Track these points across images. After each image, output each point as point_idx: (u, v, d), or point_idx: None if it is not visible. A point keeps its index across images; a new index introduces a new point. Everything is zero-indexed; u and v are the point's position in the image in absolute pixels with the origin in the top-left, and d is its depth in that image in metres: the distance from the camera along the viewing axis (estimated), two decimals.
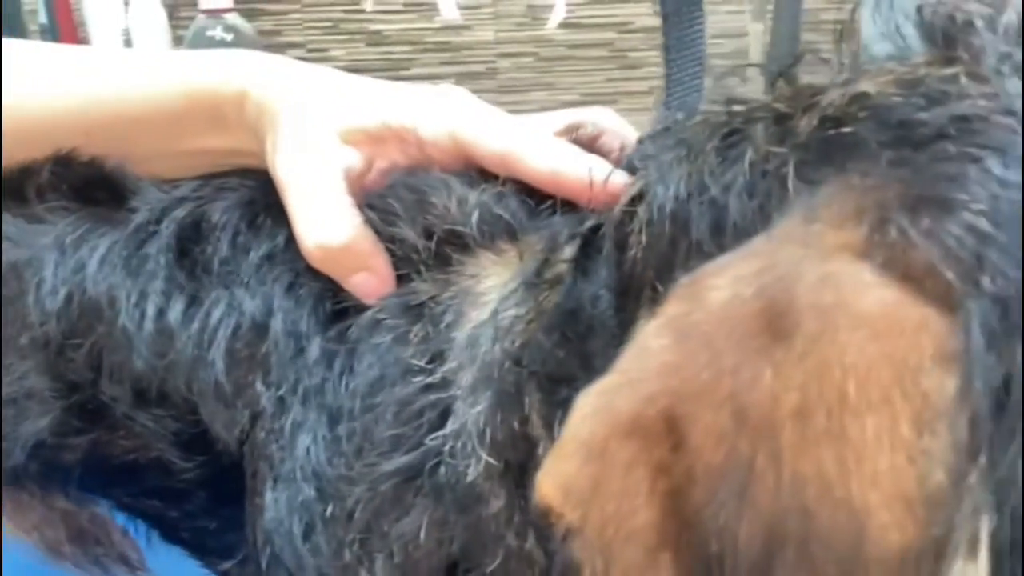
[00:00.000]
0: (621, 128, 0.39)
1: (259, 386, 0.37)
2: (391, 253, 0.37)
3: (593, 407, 0.23)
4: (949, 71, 0.20)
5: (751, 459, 0.20)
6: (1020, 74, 0.19)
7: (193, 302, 0.41)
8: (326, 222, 0.36)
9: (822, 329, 0.19)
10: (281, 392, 0.36)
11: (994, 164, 0.18)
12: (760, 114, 0.25)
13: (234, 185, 0.42)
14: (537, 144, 0.36)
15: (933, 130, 0.20)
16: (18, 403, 0.42)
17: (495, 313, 0.32)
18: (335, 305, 0.37)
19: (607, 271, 0.30)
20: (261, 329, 0.38)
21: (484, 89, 1.50)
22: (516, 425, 0.31)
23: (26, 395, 0.41)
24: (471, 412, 0.31)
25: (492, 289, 0.34)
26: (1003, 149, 0.18)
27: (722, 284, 0.21)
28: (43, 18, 1.10)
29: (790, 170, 0.23)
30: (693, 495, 0.20)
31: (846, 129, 0.21)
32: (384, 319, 0.34)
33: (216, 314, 0.40)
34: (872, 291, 0.19)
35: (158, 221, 0.42)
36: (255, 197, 0.42)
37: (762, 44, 1.34)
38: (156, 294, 0.41)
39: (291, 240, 0.39)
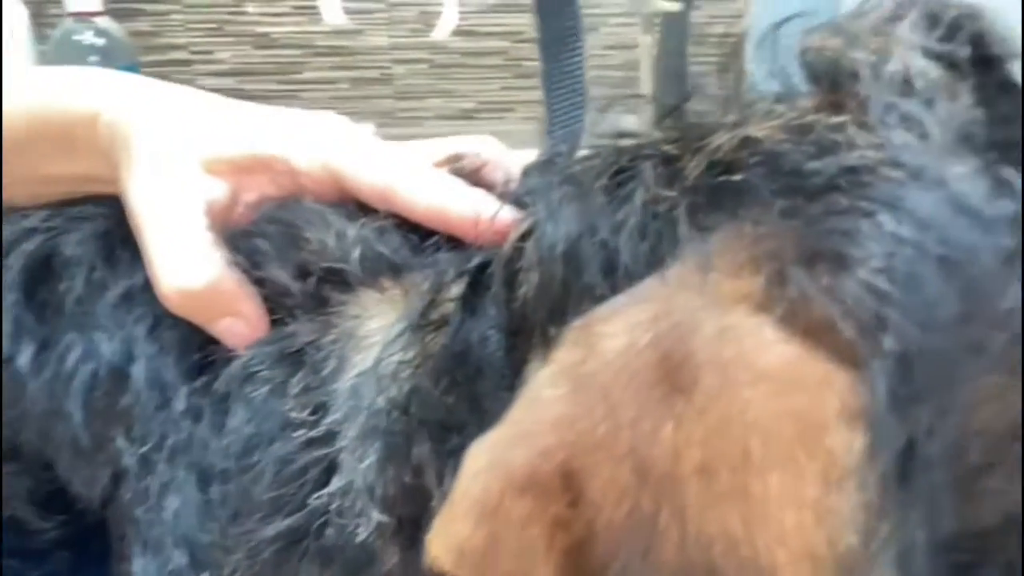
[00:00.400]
0: (504, 158, 0.38)
1: (121, 441, 0.34)
2: (262, 294, 0.34)
3: (485, 461, 0.22)
4: (837, 120, 0.20)
5: (654, 515, 0.19)
6: (906, 125, 0.19)
7: (45, 346, 0.37)
8: (185, 264, 0.33)
9: (723, 384, 0.18)
10: (145, 449, 0.33)
11: (887, 220, 0.18)
12: (648, 152, 0.25)
13: (88, 214, 0.39)
14: (419, 179, 0.34)
15: (824, 180, 0.19)
16: None
17: (379, 359, 0.30)
18: (203, 352, 0.34)
19: (496, 311, 0.28)
20: (121, 377, 0.35)
21: (379, 95, 1.47)
22: (407, 478, 0.29)
23: None
24: (359, 467, 0.29)
25: (377, 331, 0.32)
26: (894, 204, 0.18)
27: (616, 331, 0.20)
28: None
29: (681, 214, 0.22)
30: (594, 552, 0.20)
31: (736, 176, 0.21)
32: (258, 370, 0.32)
33: (71, 360, 0.36)
34: (773, 346, 0.18)
35: (5, 255, 0.39)
36: (111, 228, 0.38)
37: (651, 57, 1.36)
38: (3, 337, 0.37)
39: None
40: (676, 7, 1.35)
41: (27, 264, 0.38)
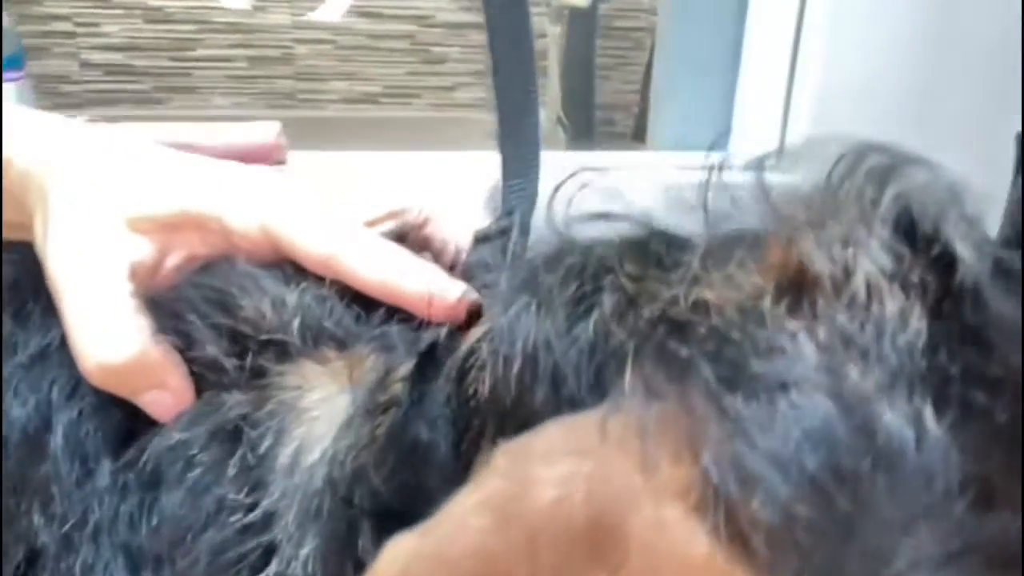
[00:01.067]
0: (445, 216, 0.37)
1: (37, 517, 0.32)
2: (191, 364, 0.33)
3: (397, 565, 0.22)
4: (791, 325, 0.21)
5: None
6: (854, 357, 0.20)
7: None
8: (107, 336, 0.32)
9: (648, 572, 0.19)
10: (66, 527, 0.31)
11: (803, 448, 0.19)
12: (609, 280, 0.25)
13: None
14: (365, 249, 0.34)
15: (762, 388, 0.20)
16: None
17: (321, 437, 0.30)
18: (128, 421, 0.32)
19: (445, 403, 0.28)
20: (36, 446, 0.33)
21: (279, 75, 1.42)
22: (350, 570, 0.28)
23: None
24: (298, 554, 0.29)
25: (319, 403, 0.31)
26: (816, 436, 0.19)
27: (551, 479, 0.21)
28: None
29: (628, 361, 0.23)
30: None
31: (684, 352, 0.22)
32: (191, 449, 0.30)
33: None
34: (699, 550, 0.19)
35: None
36: (21, 279, 0.36)
37: (559, 47, 1.37)
38: None
39: None
40: (585, 3, 1.35)
41: None
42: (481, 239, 0.35)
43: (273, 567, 0.29)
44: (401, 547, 0.22)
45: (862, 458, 0.19)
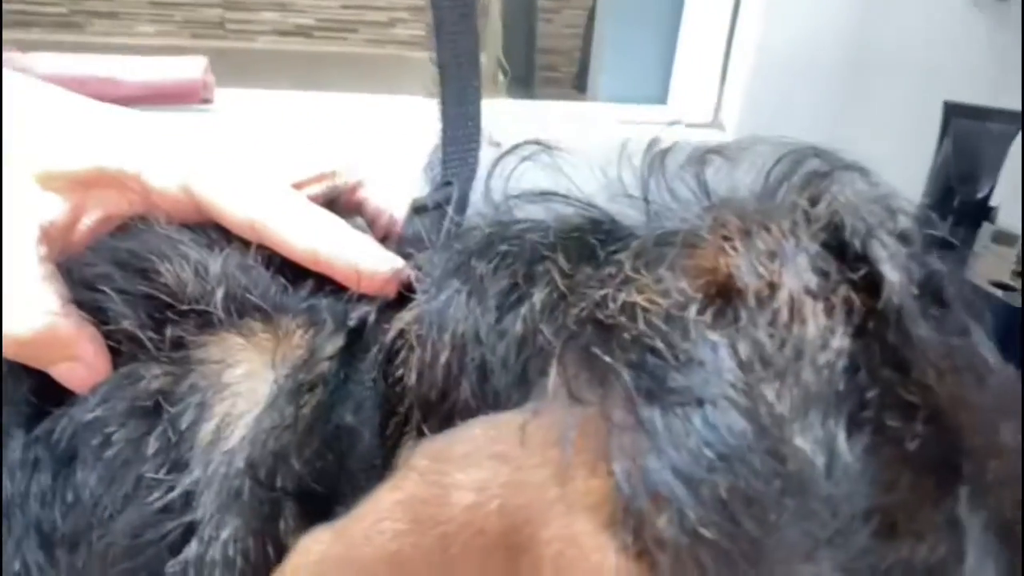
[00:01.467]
0: (378, 182, 0.36)
1: None
2: (108, 335, 0.31)
3: (310, 562, 0.22)
4: (714, 336, 0.21)
5: None
6: (771, 377, 0.20)
7: None
8: (16, 307, 0.30)
9: None
10: None
11: (720, 480, 0.18)
12: (541, 271, 0.25)
13: None
14: (293, 216, 0.32)
15: (679, 401, 0.20)
16: None
17: (243, 418, 0.29)
18: (42, 395, 0.31)
19: (372, 386, 0.28)
20: None
21: (207, 3, 1.35)
22: (272, 553, 0.28)
23: None
24: (219, 535, 0.28)
25: (242, 379, 0.30)
26: (726, 457, 0.19)
27: (468, 484, 0.21)
28: None
29: (554, 360, 0.22)
30: None
31: (609, 359, 0.21)
32: (109, 428, 0.29)
33: None
34: (609, 566, 0.19)
35: None
36: None
37: None
38: None
39: None
40: None
41: None
42: (418, 209, 0.34)
43: (193, 548, 0.28)
44: (315, 545, 0.22)
45: (771, 482, 0.19)
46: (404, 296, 0.30)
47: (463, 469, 0.20)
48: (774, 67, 0.92)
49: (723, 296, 0.21)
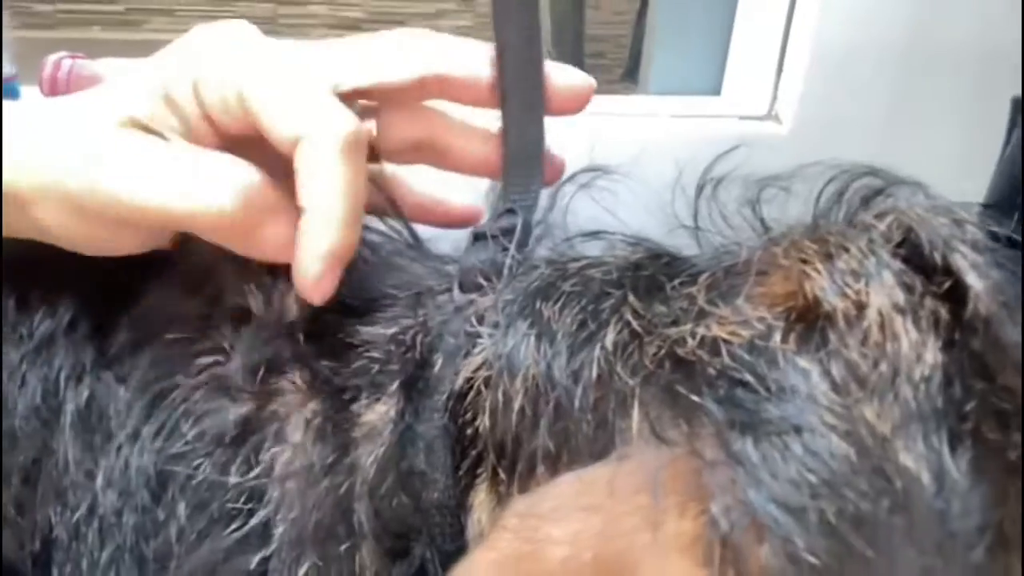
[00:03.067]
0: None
1: (50, 508, 0.31)
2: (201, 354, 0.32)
3: None
4: (803, 363, 0.20)
5: None
6: (870, 394, 0.20)
7: None
8: (204, 181, 0.29)
9: None
10: (76, 517, 0.31)
11: (826, 505, 0.18)
12: (609, 308, 0.25)
13: None
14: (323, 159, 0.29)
15: (774, 431, 0.20)
16: None
17: (320, 447, 0.30)
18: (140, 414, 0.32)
19: (442, 429, 0.28)
20: (46, 436, 0.32)
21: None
22: None
23: None
24: (295, 572, 0.28)
25: (319, 415, 0.31)
26: (831, 484, 0.18)
27: (560, 539, 0.21)
28: None
29: (635, 404, 0.22)
30: None
31: (695, 396, 0.21)
32: (197, 458, 0.30)
33: None
34: None
35: None
36: (21, 263, 0.34)
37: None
38: None
39: (76, 318, 0.33)
40: None
41: None
42: (478, 237, 0.34)
43: None
44: None
45: (880, 502, 0.18)
46: (473, 337, 0.30)
47: (554, 523, 0.21)
48: (832, 57, 0.90)
49: (804, 321, 0.21)
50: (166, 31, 1.32)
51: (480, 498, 0.27)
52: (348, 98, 0.32)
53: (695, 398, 0.21)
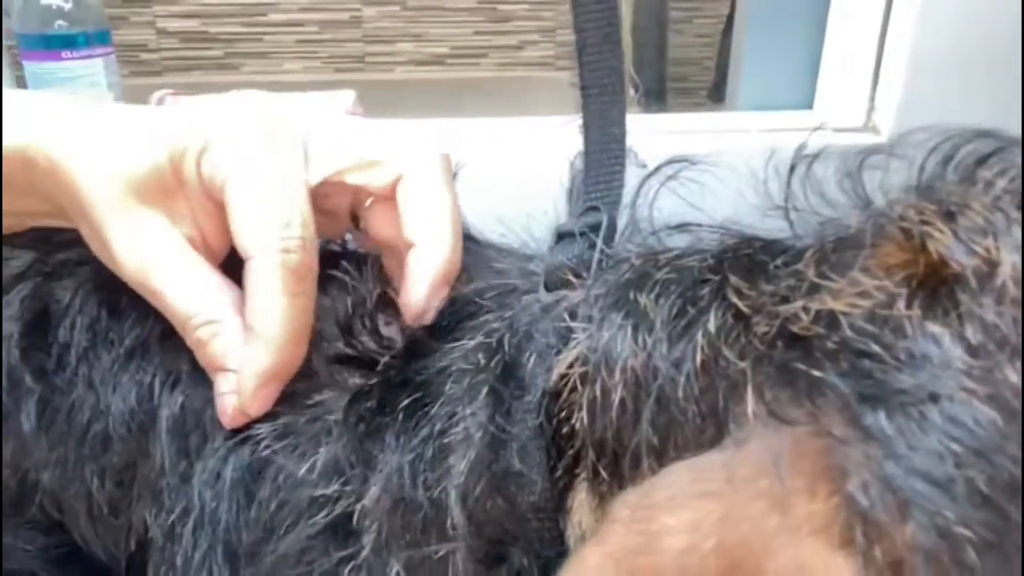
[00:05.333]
0: (424, 180, 0.33)
1: (145, 510, 0.33)
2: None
3: None
4: (933, 328, 0.19)
5: None
6: (1008, 354, 0.18)
7: (47, 407, 0.35)
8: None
9: None
10: (172, 518, 0.32)
11: (968, 460, 0.17)
12: (707, 294, 0.24)
13: (80, 257, 0.35)
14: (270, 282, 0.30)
15: (911, 401, 0.18)
16: None
17: (414, 450, 0.29)
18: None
19: (536, 430, 0.27)
20: (141, 440, 0.33)
21: (348, 39, 1.41)
22: None
23: None
24: (387, 570, 0.28)
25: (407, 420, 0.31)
26: (980, 449, 0.17)
27: (677, 527, 0.20)
28: None
29: (748, 387, 0.21)
30: None
31: (816, 372, 0.20)
32: (290, 440, 0.30)
33: (80, 421, 0.34)
34: None
35: None
36: (109, 273, 0.35)
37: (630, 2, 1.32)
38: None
39: (169, 327, 0.33)
40: None
41: (21, 314, 0.36)
42: (562, 235, 0.34)
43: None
44: None
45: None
46: (564, 333, 0.29)
47: (670, 512, 0.20)
48: (932, 63, 0.86)
49: (927, 286, 0.20)
50: (261, 73, 1.38)
51: (580, 499, 0.27)
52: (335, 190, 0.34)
53: (817, 373, 0.20)
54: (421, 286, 0.32)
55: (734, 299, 0.23)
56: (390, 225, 0.34)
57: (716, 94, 1.36)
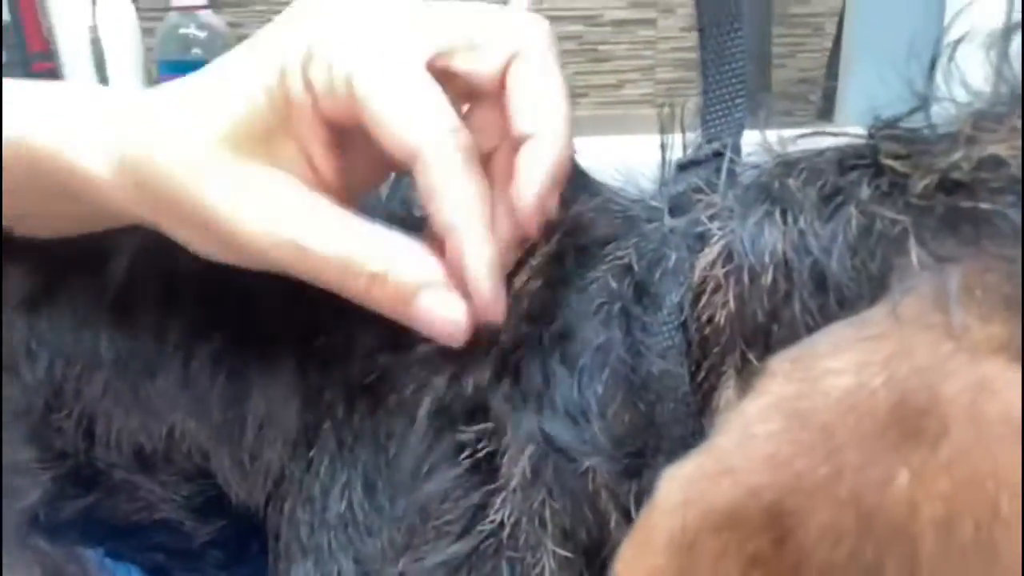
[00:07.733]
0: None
1: (282, 449, 0.34)
2: None
3: (683, 496, 0.21)
4: None
5: (878, 564, 0.18)
6: None
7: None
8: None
9: (976, 439, 0.17)
10: (311, 453, 0.33)
11: None
12: (861, 163, 0.23)
13: None
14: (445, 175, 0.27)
15: None
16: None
17: (546, 377, 0.29)
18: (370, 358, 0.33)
19: (676, 332, 0.27)
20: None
21: None
22: (586, 508, 0.28)
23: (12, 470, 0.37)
24: (529, 500, 0.28)
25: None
26: None
27: (843, 368, 0.19)
28: (6, 15, 1.03)
29: (910, 237, 0.21)
30: None
31: (983, 204, 0.19)
32: (427, 384, 0.31)
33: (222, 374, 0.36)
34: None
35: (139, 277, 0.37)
36: None
37: None
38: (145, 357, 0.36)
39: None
40: None
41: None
42: (684, 166, 0.32)
43: (504, 511, 0.28)
44: (681, 472, 0.21)
45: None
46: (701, 237, 0.28)
47: (834, 357, 0.19)
48: None
49: None
50: None
51: (727, 396, 0.26)
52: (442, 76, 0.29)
53: (985, 206, 0.19)
54: (538, 183, 0.28)
55: (889, 162, 0.22)
56: (494, 126, 0.30)
57: (824, 115, 1.34)
